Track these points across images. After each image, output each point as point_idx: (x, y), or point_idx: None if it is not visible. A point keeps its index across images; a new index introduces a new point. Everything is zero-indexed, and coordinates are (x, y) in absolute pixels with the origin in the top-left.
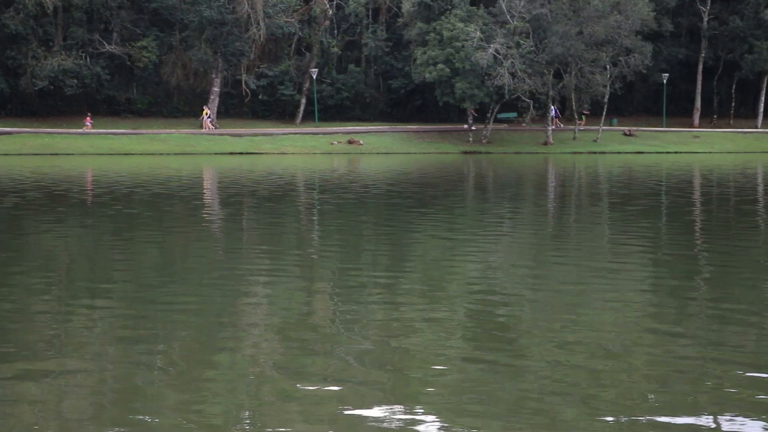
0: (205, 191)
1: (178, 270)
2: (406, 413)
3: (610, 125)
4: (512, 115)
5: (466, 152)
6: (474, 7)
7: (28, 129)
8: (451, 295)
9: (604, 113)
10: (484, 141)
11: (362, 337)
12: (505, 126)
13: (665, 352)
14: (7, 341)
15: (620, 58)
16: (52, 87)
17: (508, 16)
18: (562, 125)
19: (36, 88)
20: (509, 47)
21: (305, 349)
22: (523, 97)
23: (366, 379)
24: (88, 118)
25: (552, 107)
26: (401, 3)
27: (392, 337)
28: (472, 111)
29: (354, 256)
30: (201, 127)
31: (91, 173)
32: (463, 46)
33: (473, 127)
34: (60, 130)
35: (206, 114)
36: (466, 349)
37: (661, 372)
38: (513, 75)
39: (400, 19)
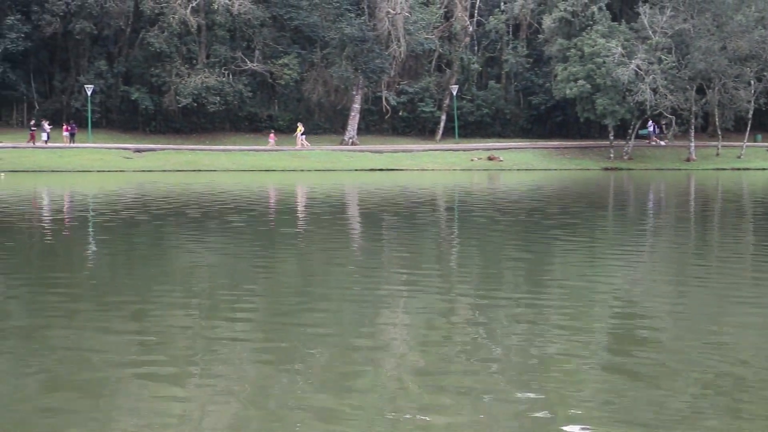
0: (345, 207)
1: (318, 283)
2: (550, 424)
3: (754, 141)
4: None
5: (607, 168)
6: (615, 23)
7: (171, 145)
8: (592, 309)
9: (748, 129)
10: (625, 157)
11: (503, 350)
12: (646, 142)
13: None
14: (149, 356)
15: (765, 74)
16: (195, 104)
17: (650, 32)
18: (662, 143)
19: (179, 106)
20: (651, 63)
21: (445, 361)
22: (664, 113)
23: (507, 394)
24: (271, 135)
25: (650, 123)
26: (542, 19)
27: (533, 346)
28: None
29: (494, 272)
30: (300, 145)
31: (232, 189)
32: (604, 62)
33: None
34: (203, 147)
35: (300, 131)
36: (609, 360)
37: None
38: (654, 91)
39: (540, 35)
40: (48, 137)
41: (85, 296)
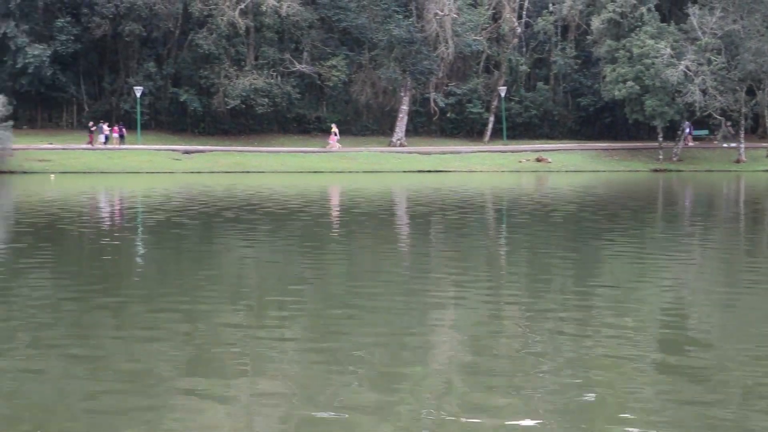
0: (394, 208)
1: (367, 285)
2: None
3: None
4: (704, 132)
5: (656, 170)
6: (664, 24)
7: (219, 147)
8: (641, 311)
9: None
10: (674, 159)
11: (553, 350)
12: (695, 143)
13: None
14: (199, 355)
15: None
16: (243, 106)
17: (700, 33)
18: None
19: (228, 107)
20: (700, 64)
21: (495, 361)
22: (714, 115)
23: (557, 395)
24: (332, 137)
25: (686, 123)
26: (590, 20)
27: (582, 347)
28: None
29: (543, 273)
30: (335, 146)
31: (284, 191)
32: (653, 63)
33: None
34: (251, 149)
35: (334, 132)
36: (659, 361)
37: None
38: (704, 92)
39: (589, 37)
40: (106, 139)
41: (136, 297)
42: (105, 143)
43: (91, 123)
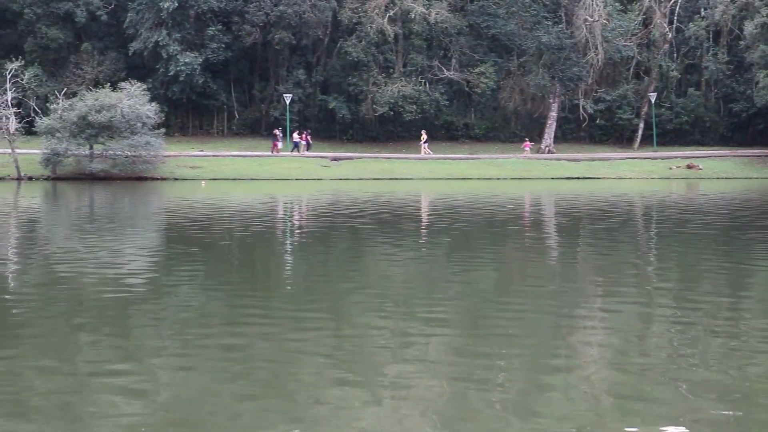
0: (542, 215)
1: (512, 292)
2: None
3: None
4: None
5: None
6: None
7: (367, 154)
8: None
9: None
10: None
11: (703, 369)
12: None
13: None
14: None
15: None
16: (391, 113)
17: None
18: None
19: (376, 114)
20: None
21: (643, 383)
22: None
23: (709, 424)
24: (527, 143)
25: None
26: (743, 25)
27: (732, 367)
28: None
29: (693, 286)
30: (423, 152)
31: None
32: None
33: None
34: (399, 155)
35: (423, 139)
36: None
37: None
38: None
39: (742, 42)
40: (296, 146)
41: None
42: (293, 150)
43: (276, 131)
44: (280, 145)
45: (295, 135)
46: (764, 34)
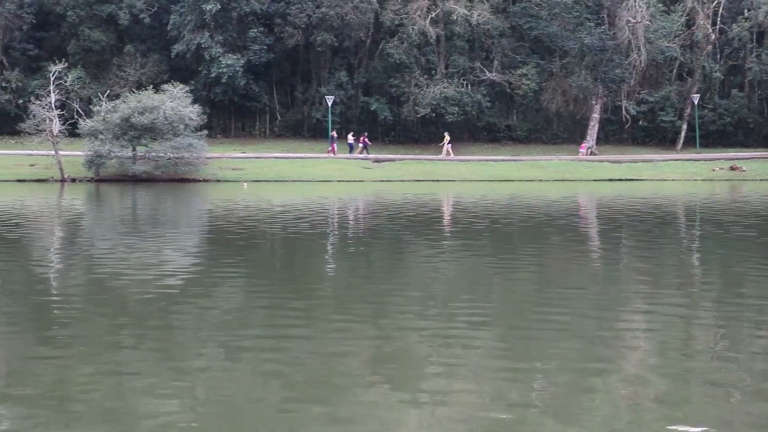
0: (585, 217)
1: (554, 294)
2: None
3: None
4: None
5: None
6: None
7: (409, 155)
8: None
9: None
10: None
11: (747, 377)
12: None
13: None
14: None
15: None
16: (433, 114)
17: None
18: None
19: (418, 116)
20: None
21: (686, 388)
22: None
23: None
24: (583, 145)
25: None
26: None
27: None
28: None
29: (736, 289)
30: (445, 153)
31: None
32: None
33: None
34: (440, 157)
35: (447, 140)
36: None
37: None
38: None
39: None
40: (351, 148)
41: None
42: (351, 152)
43: (333, 132)
44: (336, 147)
45: (350, 137)
46: None
